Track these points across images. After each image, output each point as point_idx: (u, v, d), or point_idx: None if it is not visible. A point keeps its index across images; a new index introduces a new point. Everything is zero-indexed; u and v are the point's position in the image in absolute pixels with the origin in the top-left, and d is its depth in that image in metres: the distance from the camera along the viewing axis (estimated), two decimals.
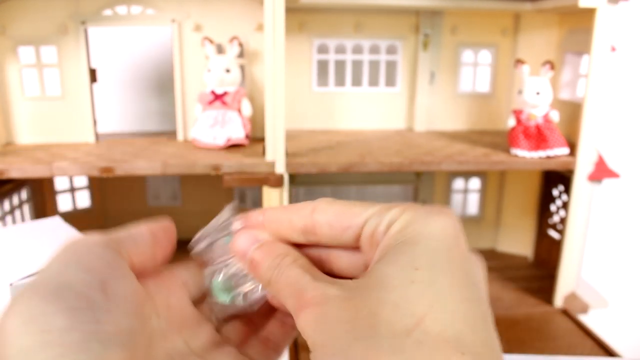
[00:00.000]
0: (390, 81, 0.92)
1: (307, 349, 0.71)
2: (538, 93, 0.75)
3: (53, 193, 0.92)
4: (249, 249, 0.23)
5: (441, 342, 0.17)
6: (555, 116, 0.76)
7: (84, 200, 0.96)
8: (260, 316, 0.27)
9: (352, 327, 0.18)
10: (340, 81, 0.91)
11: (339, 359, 0.17)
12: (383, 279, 0.19)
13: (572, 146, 0.76)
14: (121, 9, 0.79)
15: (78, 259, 0.20)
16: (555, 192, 0.89)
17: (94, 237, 0.21)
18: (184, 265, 0.26)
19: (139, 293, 0.22)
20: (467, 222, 1.00)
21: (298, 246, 0.24)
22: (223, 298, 0.24)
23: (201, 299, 0.25)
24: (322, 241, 0.23)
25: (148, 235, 0.23)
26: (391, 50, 0.90)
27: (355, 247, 0.23)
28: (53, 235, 0.41)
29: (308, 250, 0.24)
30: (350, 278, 0.22)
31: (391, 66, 0.91)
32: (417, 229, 0.20)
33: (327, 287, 0.20)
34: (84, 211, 0.96)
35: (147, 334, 0.22)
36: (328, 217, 0.22)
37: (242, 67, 0.82)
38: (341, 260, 0.24)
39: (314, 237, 0.23)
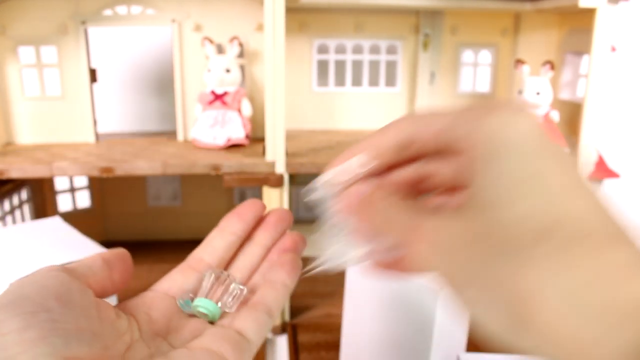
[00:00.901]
0: (391, 81, 0.92)
1: (307, 349, 0.71)
2: (538, 93, 0.75)
3: (53, 193, 0.92)
4: (355, 200, 0.23)
5: (585, 237, 0.16)
6: (555, 116, 0.76)
7: (84, 200, 0.96)
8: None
9: (480, 248, 0.18)
10: (340, 81, 0.91)
11: (478, 282, 0.17)
12: (493, 197, 0.18)
13: (572, 146, 0.76)
14: (121, 9, 0.79)
15: (33, 280, 0.21)
16: None
17: (50, 267, 0.23)
18: (168, 276, 0.28)
19: (101, 306, 0.23)
20: None
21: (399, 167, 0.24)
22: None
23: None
24: (421, 152, 0.23)
25: (100, 261, 0.25)
26: (391, 50, 0.90)
27: (450, 153, 0.22)
28: (53, 235, 0.41)
29: (404, 173, 0.24)
30: (457, 190, 0.23)
31: (391, 66, 0.91)
32: (506, 133, 0.19)
33: (436, 218, 0.20)
34: (84, 211, 0.96)
35: (121, 343, 0.22)
36: (422, 125, 0.22)
37: (242, 67, 0.82)
38: (442, 171, 0.23)
39: (415, 147, 0.23)
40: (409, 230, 0.20)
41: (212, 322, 0.26)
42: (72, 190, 0.95)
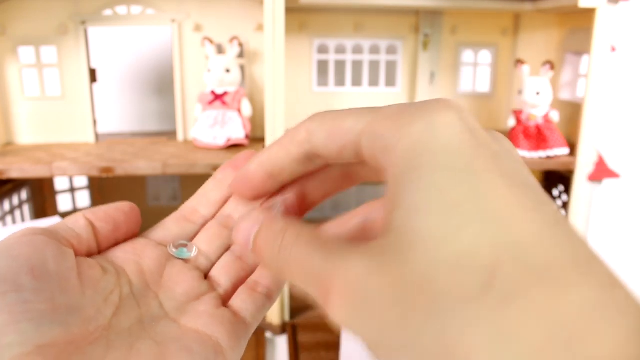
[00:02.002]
0: (391, 81, 0.92)
1: (307, 349, 0.71)
2: (538, 93, 0.75)
3: (53, 193, 0.92)
4: (250, 238, 0.19)
5: (534, 279, 0.12)
6: (555, 116, 0.76)
7: (84, 200, 0.96)
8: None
9: (405, 309, 0.13)
10: (340, 81, 0.91)
11: (409, 351, 0.13)
12: (417, 233, 0.14)
13: (572, 146, 0.76)
14: (121, 9, 0.79)
15: (2, 249, 0.19)
16: (555, 192, 0.89)
17: (24, 229, 0.20)
18: (161, 225, 0.25)
19: (84, 267, 0.20)
20: None
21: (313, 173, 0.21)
22: None
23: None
24: (332, 160, 0.20)
25: (83, 221, 0.22)
26: (391, 50, 0.90)
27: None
28: None
29: (329, 172, 0.21)
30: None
31: (391, 66, 0.91)
32: (429, 144, 0.15)
33: (348, 262, 0.15)
34: None
35: (108, 306, 0.20)
36: (322, 139, 0.19)
37: (242, 67, 0.82)
38: (362, 171, 0.21)
39: (321, 160, 0.20)
40: (320, 279, 0.16)
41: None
42: (72, 190, 0.95)
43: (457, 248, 0.13)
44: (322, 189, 0.23)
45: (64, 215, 0.92)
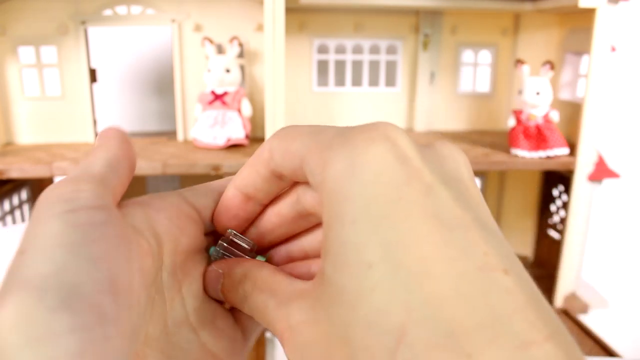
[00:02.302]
0: (391, 81, 0.92)
1: None
2: (538, 93, 0.75)
3: None
4: (218, 290, 0.19)
5: (441, 347, 0.12)
6: (555, 116, 0.76)
7: None
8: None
9: (329, 355, 0.14)
10: (340, 81, 0.91)
11: None
12: (338, 288, 0.14)
13: (572, 146, 0.76)
14: (121, 9, 0.79)
15: (84, 242, 0.14)
16: (555, 192, 0.89)
17: (88, 195, 0.16)
18: (200, 190, 0.21)
19: (144, 267, 0.17)
20: None
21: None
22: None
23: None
24: (295, 179, 0.18)
25: (126, 161, 0.19)
26: (391, 50, 0.90)
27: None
28: None
29: (285, 211, 0.20)
30: None
31: (391, 66, 0.91)
32: (343, 188, 0.14)
33: (290, 312, 0.16)
34: None
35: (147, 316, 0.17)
36: (280, 159, 0.18)
37: (242, 67, 0.82)
38: (319, 208, 0.20)
39: (286, 182, 0.19)
40: (274, 325, 0.16)
41: None
42: None
43: (371, 307, 0.13)
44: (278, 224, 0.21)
45: None
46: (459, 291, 0.12)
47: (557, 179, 0.88)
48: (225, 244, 0.20)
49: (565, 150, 0.75)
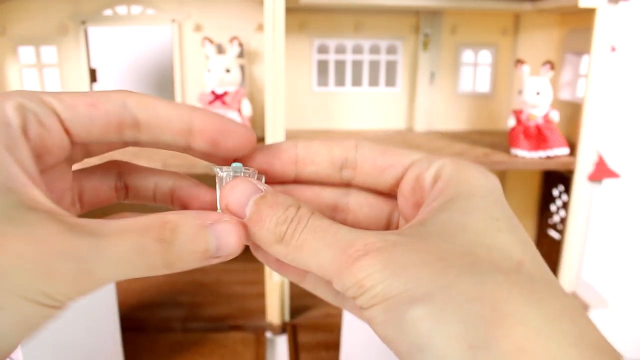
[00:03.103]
0: (391, 81, 0.92)
1: (307, 349, 0.71)
2: (538, 93, 0.75)
3: None
4: (246, 201, 0.18)
5: (546, 283, 0.17)
6: (555, 116, 0.76)
7: None
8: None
9: (444, 266, 0.16)
10: (340, 81, 0.91)
11: (441, 300, 0.15)
12: (465, 226, 0.18)
13: (572, 146, 0.76)
14: (121, 9, 0.79)
15: None
16: (555, 192, 0.89)
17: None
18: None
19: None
20: None
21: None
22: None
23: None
24: (356, 180, 0.21)
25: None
26: (391, 50, 0.90)
27: (385, 192, 0.21)
28: None
29: (324, 194, 0.22)
30: (359, 224, 0.22)
31: (391, 66, 0.91)
32: (476, 181, 0.19)
33: (382, 234, 0.17)
34: None
35: None
36: (373, 153, 0.21)
37: (242, 67, 0.82)
38: (361, 210, 0.22)
39: (350, 174, 0.21)
40: (345, 246, 0.17)
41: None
42: None
43: (495, 242, 0.17)
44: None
45: None
46: (542, 261, 0.18)
47: (557, 179, 0.88)
48: (240, 170, 0.20)
49: (565, 150, 0.75)
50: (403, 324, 0.15)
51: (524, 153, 0.75)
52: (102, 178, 0.23)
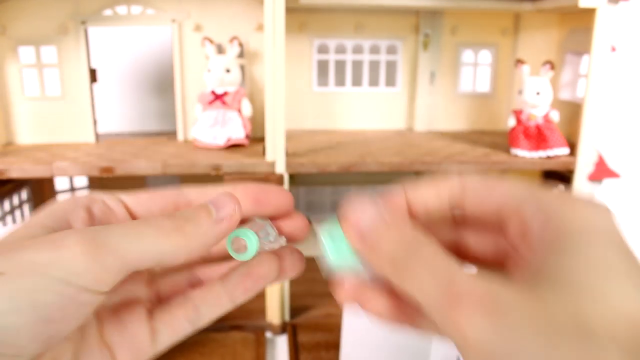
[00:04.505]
0: (391, 81, 0.92)
1: (307, 349, 0.71)
2: (538, 93, 0.75)
3: (53, 193, 0.92)
4: (367, 221, 0.19)
5: None
6: (555, 116, 0.76)
7: None
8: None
9: (553, 332, 0.15)
10: (340, 81, 0.91)
11: None
12: (579, 282, 0.16)
13: (572, 146, 0.76)
14: (121, 9, 0.79)
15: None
16: None
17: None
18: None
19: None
20: None
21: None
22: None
23: None
24: (468, 218, 0.21)
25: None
26: (391, 50, 0.90)
27: (491, 226, 0.21)
28: None
29: (441, 233, 0.22)
30: (477, 260, 0.21)
31: (391, 66, 0.91)
32: (591, 220, 0.18)
33: (493, 280, 0.16)
34: None
35: None
36: (478, 187, 0.21)
37: (242, 67, 0.82)
38: (478, 245, 0.22)
39: (459, 211, 0.21)
40: (451, 284, 0.17)
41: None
42: (72, 190, 0.95)
43: (617, 302, 0.15)
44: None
45: None
46: None
47: (557, 179, 0.88)
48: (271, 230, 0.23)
49: (565, 150, 0.75)
50: None
51: (524, 153, 0.75)
52: None
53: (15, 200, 0.81)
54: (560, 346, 0.15)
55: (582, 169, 0.75)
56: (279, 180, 0.69)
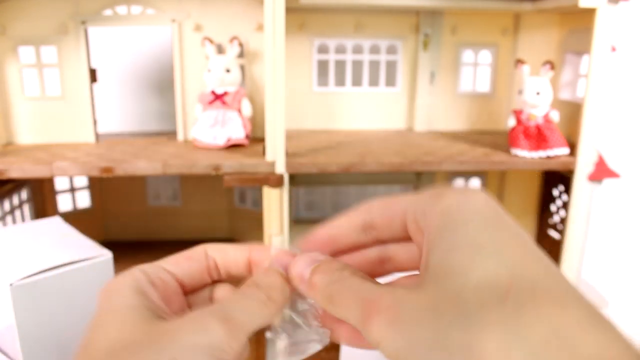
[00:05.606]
0: (391, 81, 0.92)
1: None
2: (538, 93, 0.75)
3: (53, 193, 0.92)
4: (306, 271, 0.23)
5: (536, 301, 0.17)
6: (555, 116, 0.76)
7: (84, 200, 0.96)
8: None
9: (437, 317, 0.17)
10: (340, 81, 0.91)
11: (436, 352, 0.17)
12: (452, 267, 0.18)
13: (572, 146, 0.76)
14: (121, 9, 0.79)
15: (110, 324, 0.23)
16: (555, 192, 0.89)
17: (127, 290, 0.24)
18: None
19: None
20: None
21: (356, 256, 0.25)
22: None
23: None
24: (382, 235, 0.24)
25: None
26: (391, 50, 0.90)
27: (405, 237, 0.24)
28: (53, 235, 0.41)
29: (368, 253, 0.25)
30: (407, 268, 0.24)
31: (391, 66, 0.91)
32: (461, 208, 0.20)
33: (393, 289, 0.19)
34: (84, 211, 0.96)
35: None
36: (382, 207, 0.24)
37: (242, 67, 0.82)
38: (400, 255, 0.25)
39: (374, 232, 0.24)
40: (368, 301, 0.20)
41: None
42: (72, 190, 0.95)
43: (481, 275, 0.18)
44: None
45: (64, 215, 0.93)
46: (543, 274, 0.18)
47: (557, 179, 0.88)
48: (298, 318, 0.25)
49: (565, 150, 0.75)
50: None
51: (524, 153, 0.75)
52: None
53: (15, 200, 0.81)
54: (443, 325, 0.17)
55: (582, 169, 0.75)
56: (279, 180, 0.70)
